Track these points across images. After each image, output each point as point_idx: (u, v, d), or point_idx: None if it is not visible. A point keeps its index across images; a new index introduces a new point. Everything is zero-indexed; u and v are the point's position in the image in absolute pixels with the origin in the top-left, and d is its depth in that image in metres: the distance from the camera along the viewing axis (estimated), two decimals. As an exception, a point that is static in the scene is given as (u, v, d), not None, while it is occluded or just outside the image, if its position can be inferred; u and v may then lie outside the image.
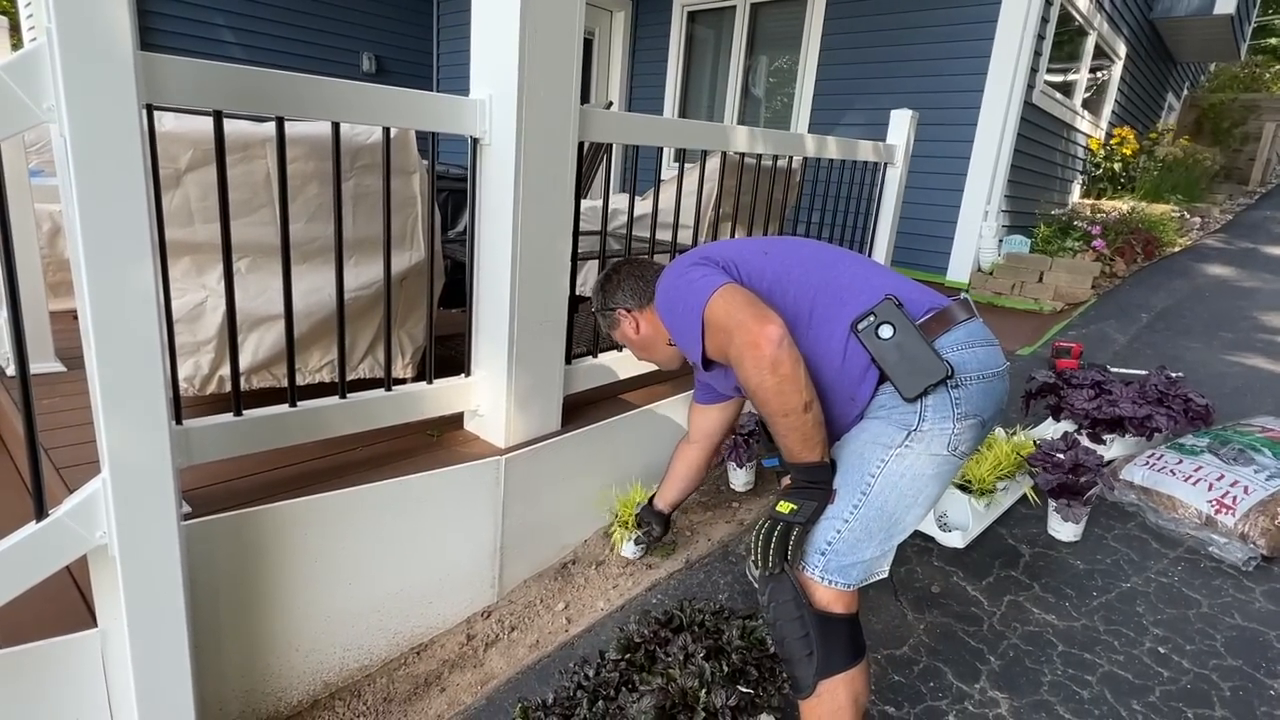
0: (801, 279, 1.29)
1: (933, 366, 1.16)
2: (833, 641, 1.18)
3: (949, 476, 1.24)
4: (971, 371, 1.19)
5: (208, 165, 1.59)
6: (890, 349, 1.18)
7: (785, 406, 1.14)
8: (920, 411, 1.18)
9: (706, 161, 2.48)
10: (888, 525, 1.20)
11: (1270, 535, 1.92)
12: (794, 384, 1.13)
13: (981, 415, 1.21)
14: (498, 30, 1.65)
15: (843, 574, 1.19)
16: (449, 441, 1.94)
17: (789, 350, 1.13)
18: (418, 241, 1.94)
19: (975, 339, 1.23)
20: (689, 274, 1.31)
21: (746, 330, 1.15)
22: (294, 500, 1.54)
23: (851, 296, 1.25)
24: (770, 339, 1.13)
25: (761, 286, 1.28)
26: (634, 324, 1.57)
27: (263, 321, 1.82)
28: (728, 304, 1.20)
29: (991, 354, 1.24)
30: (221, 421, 1.48)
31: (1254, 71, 12.37)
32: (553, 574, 2.06)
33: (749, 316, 1.16)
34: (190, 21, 4.84)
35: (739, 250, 1.37)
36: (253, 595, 1.52)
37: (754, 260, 1.33)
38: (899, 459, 1.18)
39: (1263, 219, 7.40)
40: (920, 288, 1.30)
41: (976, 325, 1.25)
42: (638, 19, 6.47)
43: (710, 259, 1.34)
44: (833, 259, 1.37)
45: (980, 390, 1.20)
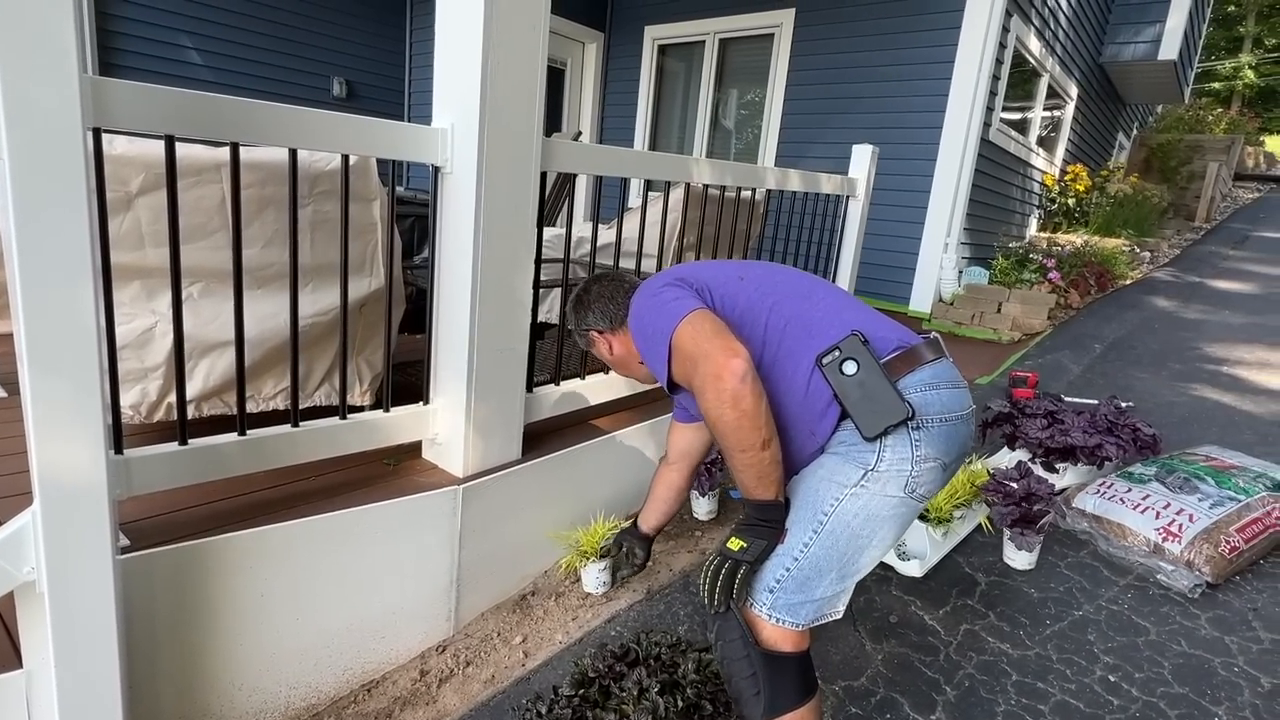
0: (773, 309, 1.27)
1: (893, 407, 1.13)
2: (780, 680, 1.16)
3: (907, 520, 1.21)
4: (934, 414, 1.17)
5: (160, 189, 1.56)
6: (853, 386, 1.16)
7: (743, 443, 1.12)
8: (879, 451, 1.15)
9: (670, 192, 2.51)
10: (840, 565, 1.17)
11: (1214, 562, 1.97)
12: (753, 420, 1.11)
13: (943, 458, 1.18)
14: (460, 60, 1.66)
15: (790, 612, 1.17)
16: (406, 470, 1.91)
17: (752, 385, 1.11)
18: (377, 268, 1.93)
19: (940, 380, 1.21)
20: (661, 295, 1.30)
21: (711, 361, 1.14)
22: (240, 532, 1.50)
23: (820, 330, 1.23)
24: (734, 372, 1.11)
25: (733, 315, 1.26)
26: (607, 344, 1.55)
27: (215, 347, 1.78)
28: (695, 331, 1.19)
29: (956, 396, 1.22)
30: (165, 451, 1.43)
31: (1198, 114, 12.99)
32: (511, 606, 2.02)
33: (715, 348, 1.14)
34: (158, 44, 4.79)
35: (715, 273, 1.35)
36: (193, 632, 1.46)
37: (728, 285, 1.31)
38: (854, 498, 1.16)
39: (1208, 253, 7.72)
40: (892, 324, 1.29)
41: (943, 366, 1.23)
42: (609, 50, 6.58)
43: (684, 280, 1.32)
44: (807, 289, 1.34)
45: (942, 433, 1.18)
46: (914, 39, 4.85)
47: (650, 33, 6.26)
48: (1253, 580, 2.04)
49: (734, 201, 2.85)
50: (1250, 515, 2.08)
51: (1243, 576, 2.05)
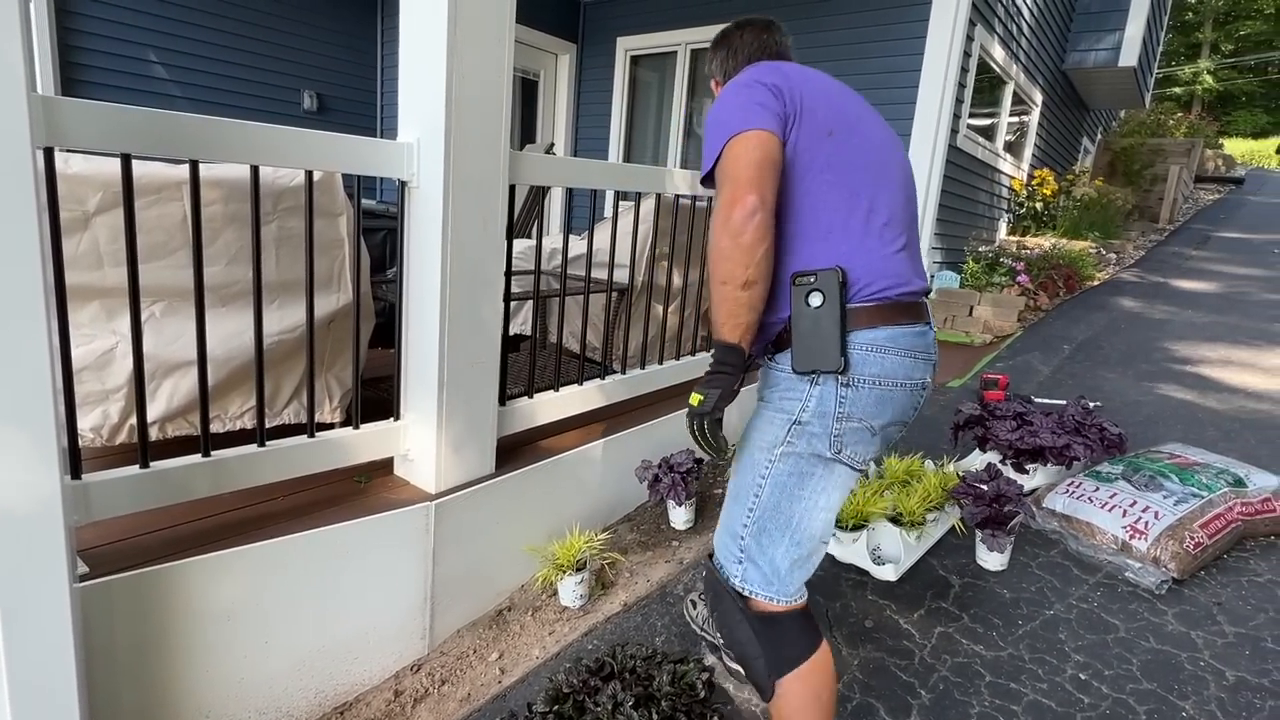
0: (834, 189, 1.20)
1: (827, 354, 1.14)
2: (777, 638, 1.19)
3: (845, 483, 1.22)
4: (868, 374, 1.17)
5: (118, 208, 1.54)
6: (808, 317, 1.16)
7: (725, 274, 1.13)
8: (806, 397, 1.18)
9: (641, 203, 2.53)
10: (787, 529, 1.20)
11: (1180, 558, 2.01)
12: (744, 256, 1.11)
13: (869, 421, 1.18)
14: (425, 75, 1.66)
15: (764, 586, 1.20)
16: (377, 488, 1.89)
17: (757, 226, 1.11)
18: (345, 283, 1.91)
19: (896, 344, 1.18)
20: (751, 91, 1.22)
21: (735, 186, 1.13)
22: (205, 556, 1.47)
23: (830, 242, 1.19)
24: (745, 207, 1.11)
25: (796, 156, 1.20)
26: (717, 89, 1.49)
27: (179, 367, 1.75)
28: (744, 152, 1.15)
29: (905, 365, 1.19)
30: (125, 475, 1.40)
31: (1159, 119, 13.33)
32: (487, 622, 2.00)
33: (746, 179, 1.13)
34: (123, 58, 4.71)
35: (814, 108, 1.23)
36: (157, 660, 1.43)
37: (816, 128, 1.21)
38: (784, 460, 1.20)
39: (1171, 254, 7.91)
40: (896, 269, 1.22)
41: (907, 331, 1.20)
42: (582, 62, 6.60)
43: (780, 93, 1.22)
44: (870, 188, 1.23)
45: (873, 396, 1.18)
46: (880, 48, 4.93)
47: (622, 43, 6.29)
48: (1217, 575, 2.08)
49: (706, 211, 2.87)
50: (1213, 511, 2.12)
51: (1207, 572, 2.09)
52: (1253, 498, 2.21)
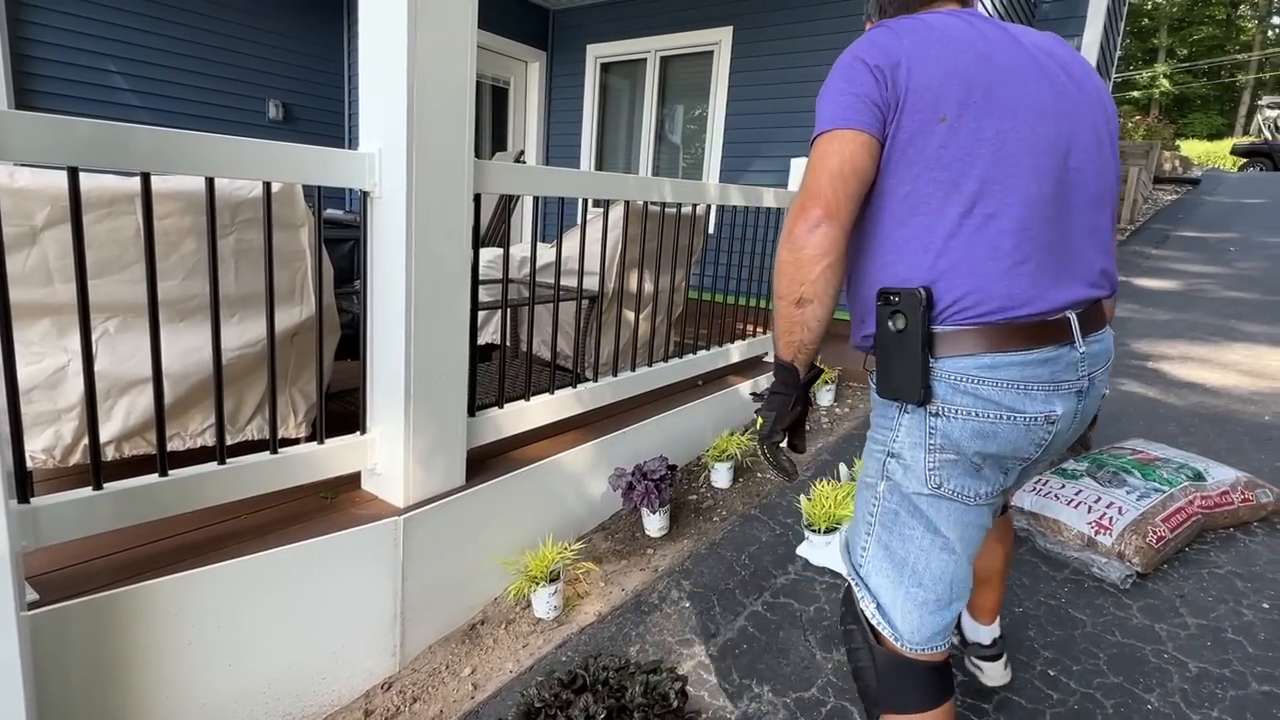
0: (934, 184, 1.02)
1: (907, 384, 1.04)
2: (894, 682, 1.12)
3: (962, 519, 1.08)
4: (959, 405, 1.03)
5: (67, 222, 1.49)
6: (890, 341, 1.05)
7: (781, 288, 1.06)
8: (895, 427, 1.09)
9: (610, 210, 2.52)
10: (903, 572, 1.11)
11: (1143, 553, 2.05)
12: (800, 273, 1.02)
13: (969, 456, 1.05)
14: (386, 85, 1.64)
15: (890, 628, 1.12)
16: (344, 503, 1.85)
17: (818, 242, 1.01)
18: (308, 296, 1.88)
19: (994, 375, 1.02)
20: (850, 74, 1.05)
21: (805, 194, 1.04)
22: (163, 579, 1.43)
23: (929, 255, 1.03)
24: (808, 219, 1.02)
25: (898, 151, 1.03)
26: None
27: (135, 384, 1.70)
28: (825, 157, 1.03)
29: (1007, 397, 1.02)
30: (77, 497, 1.36)
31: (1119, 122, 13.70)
32: (460, 637, 1.97)
33: (818, 188, 1.02)
34: (82, 69, 4.60)
35: (940, 80, 1.02)
36: (114, 689, 1.39)
37: (932, 108, 1.01)
38: (888, 497, 1.11)
39: (1132, 253, 8.10)
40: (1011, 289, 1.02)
41: (1018, 359, 1.02)
42: (553, 69, 6.60)
43: (882, 73, 1.02)
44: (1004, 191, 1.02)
45: (969, 429, 1.03)
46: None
47: (592, 51, 6.30)
48: (1179, 568, 2.13)
49: (674, 218, 2.88)
50: (1174, 505, 2.17)
51: (1170, 565, 2.14)
52: (1211, 491, 2.26)
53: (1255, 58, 29.76)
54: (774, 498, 2.67)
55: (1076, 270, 1.07)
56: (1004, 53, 1.05)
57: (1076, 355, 1.06)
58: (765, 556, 2.28)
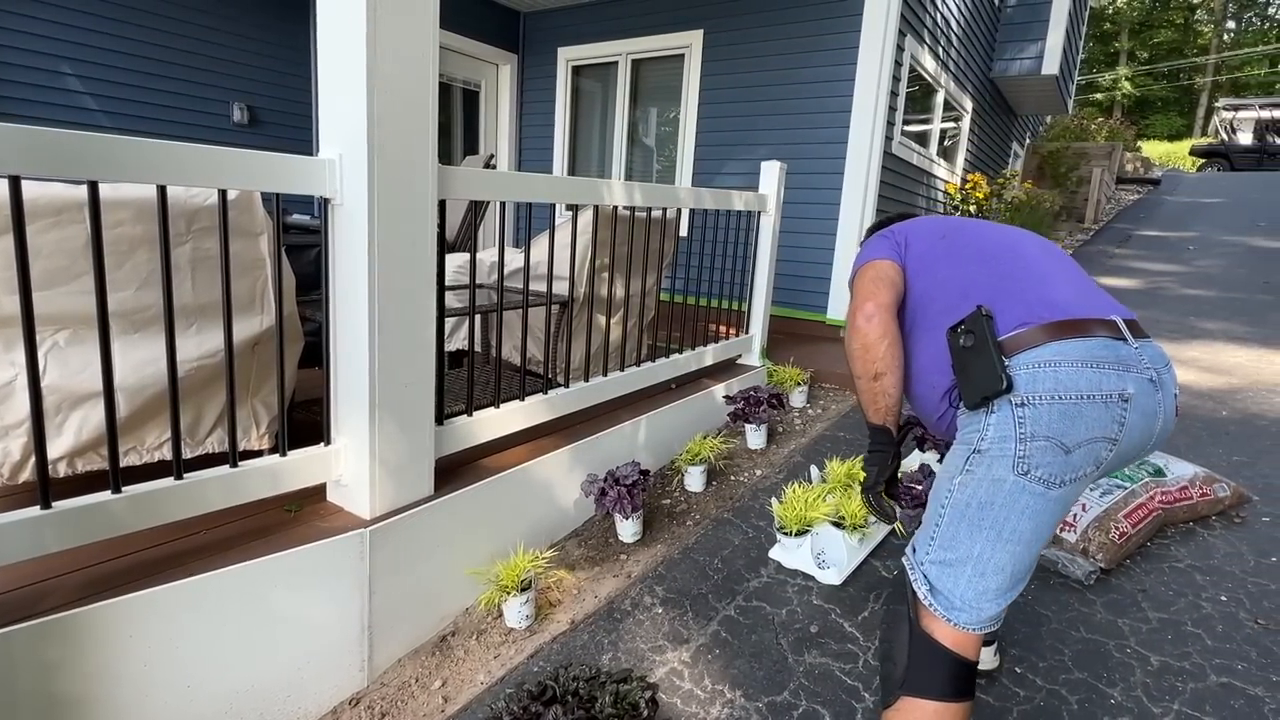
0: (953, 269, 1.39)
1: (990, 378, 1.16)
2: (924, 664, 1.17)
3: (1040, 508, 1.15)
4: (1043, 391, 1.14)
5: (9, 232, 1.45)
6: (967, 357, 1.22)
7: (856, 369, 1.35)
8: (984, 427, 1.19)
9: (580, 215, 2.51)
10: (969, 559, 1.17)
11: (1106, 549, 2.09)
12: (870, 353, 1.32)
13: (1058, 439, 1.13)
14: (345, 89, 1.61)
15: (947, 608, 1.18)
16: (309, 516, 1.82)
17: (875, 325, 1.32)
18: (269, 304, 1.84)
19: (1066, 357, 1.15)
20: (877, 242, 1.52)
21: (857, 297, 1.39)
22: (117, 599, 1.39)
23: (971, 299, 1.30)
24: (864, 312, 1.34)
25: (912, 264, 1.44)
26: None
27: (88, 398, 1.65)
28: (864, 275, 1.43)
29: (1084, 376, 1.14)
30: (23, 517, 1.31)
31: (1082, 123, 14.00)
32: (430, 649, 1.94)
33: (865, 291, 1.38)
34: (36, 71, 4.47)
35: (924, 228, 1.53)
36: (66, 714, 1.34)
37: (925, 239, 1.47)
38: (962, 488, 1.20)
39: (1096, 252, 8.29)
40: (1048, 299, 1.25)
41: (1079, 344, 1.17)
42: (524, 72, 6.56)
43: (894, 236, 1.51)
44: (1003, 258, 1.39)
45: (1056, 412, 1.13)
46: (816, 58, 5.04)
47: (564, 54, 6.28)
48: (1141, 563, 2.17)
49: (645, 221, 2.87)
50: (1136, 501, 2.21)
51: (1132, 560, 2.18)
52: (1171, 486, 2.31)
53: (1212, 61, 30.65)
54: (746, 501, 2.68)
55: (1095, 297, 1.29)
56: (954, 222, 1.55)
57: (1131, 350, 1.19)
58: (738, 560, 2.28)
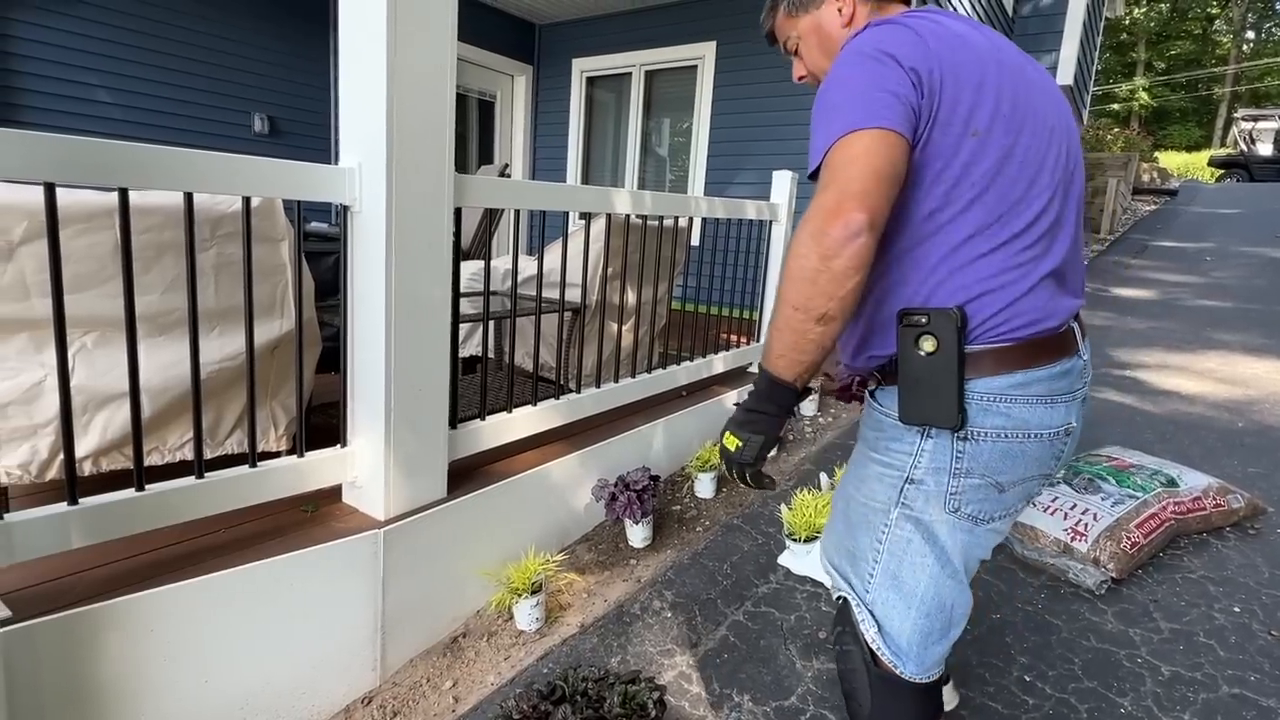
0: (962, 202, 0.98)
1: (940, 409, 0.97)
2: (890, 704, 1.09)
3: (974, 543, 1.06)
4: (990, 427, 0.99)
5: (44, 237, 1.50)
6: (917, 363, 0.99)
7: (801, 298, 0.93)
8: (916, 452, 1.03)
9: (592, 223, 2.55)
10: (913, 600, 1.06)
11: (1118, 558, 2.08)
12: (831, 285, 0.90)
13: (994, 477, 1.01)
14: (365, 99, 1.66)
15: (895, 656, 1.08)
16: (325, 516, 1.85)
17: (857, 251, 0.89)
18: (288, 309, 1.88)
19: (1026, 392, 1.00)
20: (878, 69, 0.95)
21: (842, 196, 0.90)
22: (137, 595, 1.42)
23: (956, 274, 0.98)
24: (848, 225, 0.88)
25: (939, 136, 0.96)
26: (846, 7, 1.15)
27: (113, 399, 1.70)
28: (861, 156, 0.91)
29: (1037, 413, 1.00)
30: (52, 513, 1.36)
31: (1098, 134, 13.93)
32: (441, 650, 1.97)
33: (859, 189, 0.89)
34: (65, 83, 4.58)
35: (967, 72, 0.97)
36: (87, 705, 1.37)
37: (955, 127, 0.96)
38: (900, 524, 1.05)
39: (1112, 263, 8.23)
40: (1041, 300, 1.00)
41: (1044, 373, 1.01)
42: (539, 83, 6.65)
43: (919, 76, 0.95)
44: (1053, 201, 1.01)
45: (997, 451, 1.00)
46: (829, 69, 5.07)
47: (578, 65, 6.35)
48: (1153, 573, 2.16)
49: (657, 230, 2.90)
50: (1148, 511, 2.20)
51: (1144, 570, 2.17)
52: (1184, 497, 2.30)
53: (1231, 71, 30.40)
54: (756, 507, 2.69)
55: (1073, 279, 1.07)
56: (1012, 61, 1.02)
57: (1081, 363, 1.06)
58: (747, 566, 2.29)
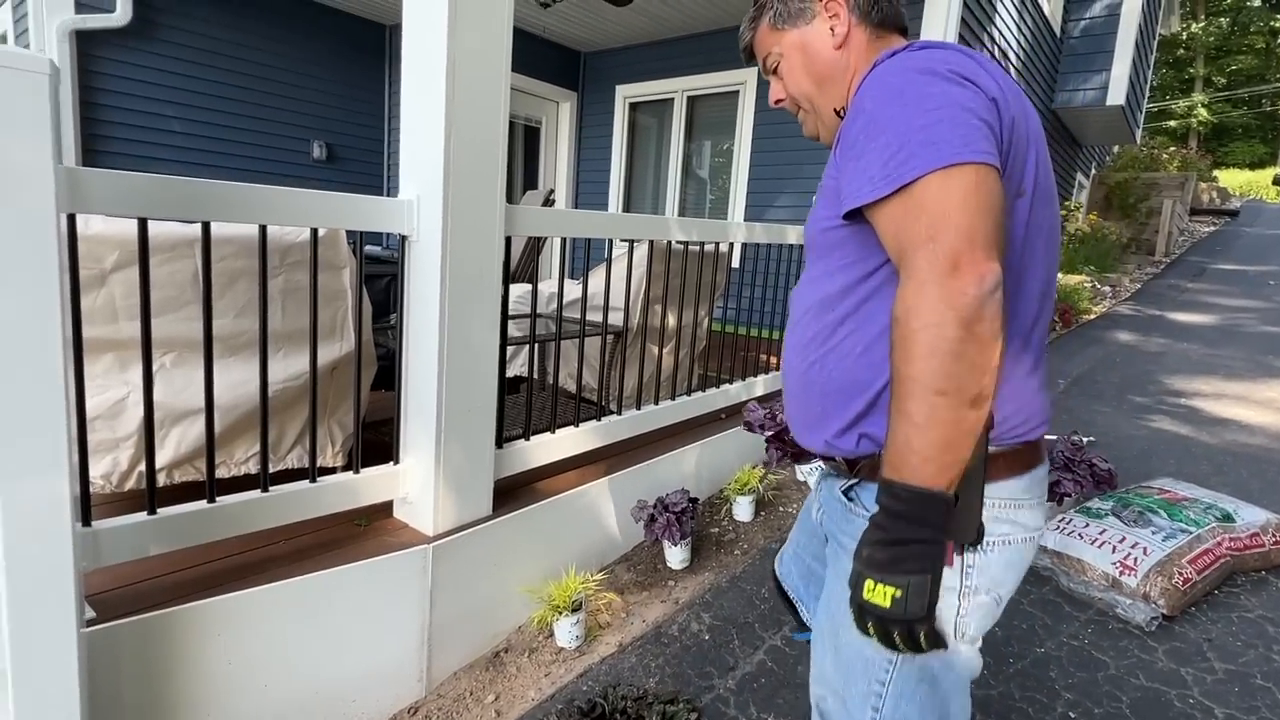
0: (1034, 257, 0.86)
1: (960, 523, 0.80)
2: None
3: (969, 668, 0.91)
4: (997, 536, 0.86)
5: (132, 265, 1.62)
6: None
7: (949, 380, 0.71)
8: None
9: (635, 249, 2.61)
10: None
11: (1169, 594, 2.03)
12: (980, 358, 0.70)
13: (997, 591, 0.88)
14: (425, 138, 1.76)
15: None
16: (377, 530, 1.93)
17: (997, 311, 0.71)
18: (348, 332, 1.99)
19: (1031, 494, 0.89)
20: (964, 95, 0.77)
21: (960, 240, 0.71)
22: (207, 600, 1.51)
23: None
24: (985, 279, 0.70)
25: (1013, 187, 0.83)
26: (840, 26, 0.96)
27: (186, 415, 1.82)
28: (976, 195, 0.72)
29: (1035, 515, 0.90)
30: (133, 521, 1.46)
31: (1153, 153, 13.55)
32: (484, 664, 2.02)
33: (985, 236, 0.71)
34: (141, 113, 4.90)
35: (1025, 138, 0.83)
36: (159, 703, 1.46)
37: (1011, 182, 0.81)
38: (904, 672, 0.88)
39: (1167, 287, 7.97)
40: (1043, 399, 0.91)
41: (1040, 474, 0.92)
42: (583, 109, 6.81)
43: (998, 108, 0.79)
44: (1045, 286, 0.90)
45: (1002, 561, 0.87)
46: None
47: (621, 91, 6.50)
48: (1208, 611, 2.09)
49: (698, 255, 2.96)
50: (1201, 546, 2.14)
51: (1198, 607, 2.10)
52: (1241, 533, 2.23)
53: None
54: (795, 532, 2.69)
55: None
56: (1034, 110, 0.89)
57: None
58: (785, 591, 2.29)
